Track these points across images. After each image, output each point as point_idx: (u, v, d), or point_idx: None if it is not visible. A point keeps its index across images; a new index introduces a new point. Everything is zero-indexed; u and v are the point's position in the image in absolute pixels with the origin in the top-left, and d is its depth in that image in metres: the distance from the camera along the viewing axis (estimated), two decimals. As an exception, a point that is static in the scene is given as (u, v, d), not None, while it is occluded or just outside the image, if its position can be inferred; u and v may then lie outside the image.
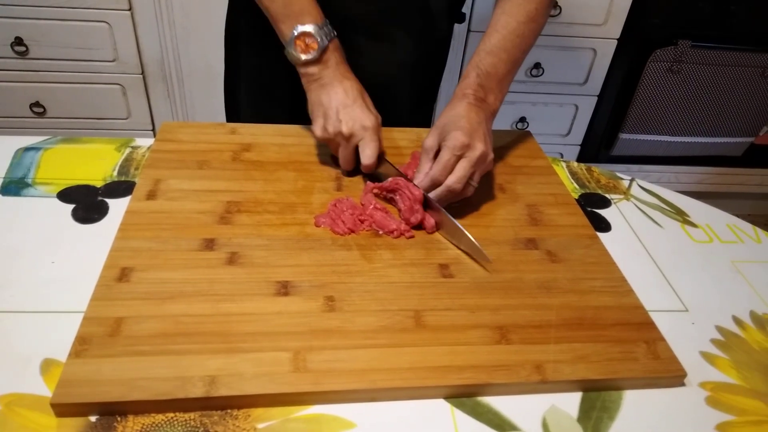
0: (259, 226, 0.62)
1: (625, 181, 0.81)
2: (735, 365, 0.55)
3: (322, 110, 0.69)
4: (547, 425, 0.48)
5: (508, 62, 0.72)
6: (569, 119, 1.75)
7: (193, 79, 1.58)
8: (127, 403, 0.44)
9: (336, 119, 0.68)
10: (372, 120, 0.69)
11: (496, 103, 0.72)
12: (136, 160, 0.73)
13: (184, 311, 0.51)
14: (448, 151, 0.65)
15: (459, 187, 0.65)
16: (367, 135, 0.68)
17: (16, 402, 0.45)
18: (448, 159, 0.65)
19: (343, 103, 0.69)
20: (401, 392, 0.48)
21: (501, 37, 0.72)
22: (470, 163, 0.65)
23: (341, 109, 0.68)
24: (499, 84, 0.72)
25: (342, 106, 0.68)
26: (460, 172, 0.64)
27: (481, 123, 0.67)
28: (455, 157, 0.65)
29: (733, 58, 1.64)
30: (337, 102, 0.69)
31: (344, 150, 0.70)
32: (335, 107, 0.69)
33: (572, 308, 0.57)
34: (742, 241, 0.72)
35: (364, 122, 0.68)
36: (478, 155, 0.65)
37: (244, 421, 0.45)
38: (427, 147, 0.67)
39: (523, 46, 0.73)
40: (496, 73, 0.71)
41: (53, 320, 0.52)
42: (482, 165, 0.66)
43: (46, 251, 0.59)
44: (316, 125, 0.70)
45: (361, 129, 0.68)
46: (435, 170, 0.65)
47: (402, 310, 0.54)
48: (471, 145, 0.65)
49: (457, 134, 0.65)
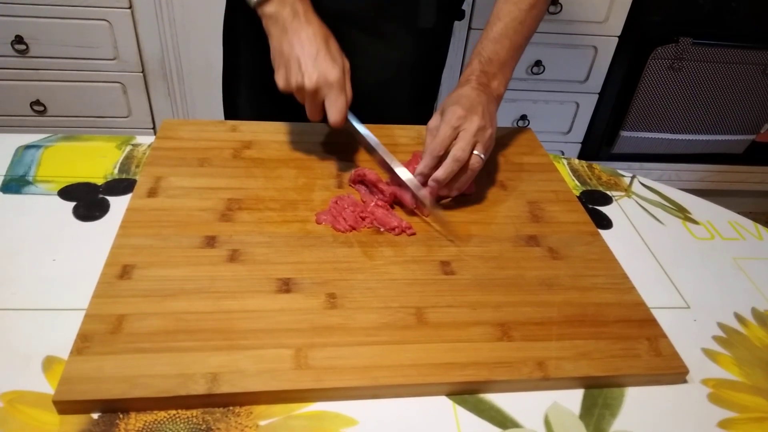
0: (261, 223, 0.62)
1: (627, 178, 0.81)
2: (737, 362, 0.55)
3: (284, 59, 0.65)
4: (549, 422, 0.48)
5: (511, 49, 0.72)
6: (570, 117, 1.75)
7: (194, 78, 1.58)
8: (129, 401, 0.44)
9: (298, 71, 0.64)
10: (337, 72, 0.64)
11: (500, 88, 0.72)
12: (137, 157, 0.73)
13: (186, 308, 0.51)
14: (445, 125, 0.65)
15: (464, 155, 0.64)
16: (332, 91, 0.64)
17: (18, 399, 0.45)
18: (445, 132, 0.64)
19: (308, 52, 0.64)
20: (403, 389, 0.48)
21: (504, 24, 0.72)
22: (469, 133, 0.64)
23: (304, 59, 0.64)
24: (502, 69, 0.72)
25: (306, 56, 0.64)
26: (461, 142, 0.64)
27: (482, 102, 0.67)
28: (453, 129, 0.64)
29: (734, 55, 1.63)
30: (299, 51, 0.64)
31: (309, 105, 0.66)
32: (297, 57, 0.64)
33: (574, 305, 0.57)
34: (743, 238, 0.72)
35: (329, 75, 0.64)
36: (476, 126, 0.64)
37: (246, 418, 0.45)
38: (431, 127, 0.67)
39: (525, 32, 0.73)
40: (499, 59, 0.71)
41: (55, 318, 0.52)
42: (482, 137, 0.65)
43: (47, 249, 0.58)
44: (278, 75, 0.66)
45: (325, 84, 0.64)
46: (434, 143, 0.65)
47: (404, 307, 0.54)
48: (467, 117, 0.64)
49: (454, 108, 0.65)
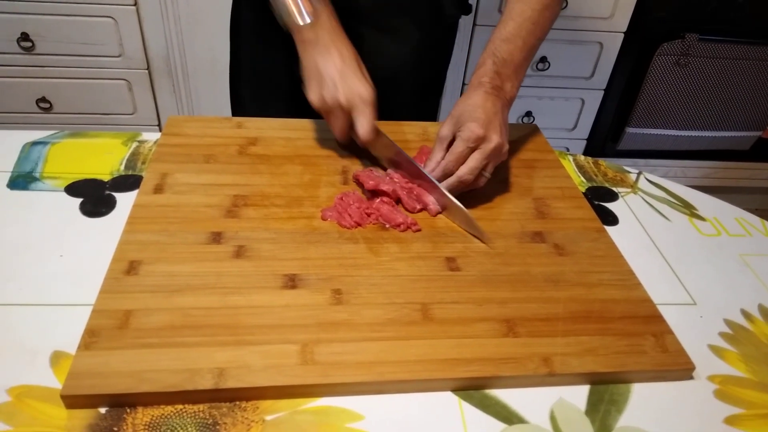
0: (266, 219, 0.62)
1: (633, 175, 0.81)
2: (743, 358, 0.55)
3: (318, 76, 0.67)
4: (555, 418, 0.48)
5: (524, 49, 0.71)
6: (575, 113, 1.74)
7: (199, 74, 1.59)
8: (137, 395, 0.44)
9: (333, 87, 0.66)
10: (369, 91, 0.67)
11: (513, 90, 0.71)
12: (143, 154, 0.73)
13: (192, 304, 0.52)
14: (462, 143, 0.64)
15: (470, 179, 0.65)
16: (363, 107, 0.66)
17: (26, 393, 0.45)
18: (461, 150, 0.64)
19: (341, 70, 0.66)
20: (409, 385, 0.48)
21: (516, 24, 0.71)
22: (484, 155, 0.64)
23: (338, 76, 0.66)
24: (516, 71, 0.71)
25: (339, 73, 0.66)
26: (473, 163, 0.64)
27: (497, 113, 0.66)
28: (469, 149, 0.64)
29: (740, 51, 1.62)
30: (333, 68, 0.66)
31: (339, 121, 0.68)
32: (331, 74, 0.66)
33: (580, 301, 0.57)
34: (750, 234, 0.72)
35: (362, 93, 0.66)
36: (493, 147, 0.64)
37: (253, 413, 0.45)
38: (441, 136, 0.67)
39: (538, 33, 0.72)
40: (513, 61, 0.70)
41: (62, 313, 0.52)
42: (497, 157, 0.66)
43: (54, 245, 0.59)
44: (311, 92, 0.68)
45: (359, 100, 0.66)
46: (447, 160, 0.65)
47: (409, 303, 0.54)
48: (486, 137, 0.64)
49: (472, 125, 0.64)
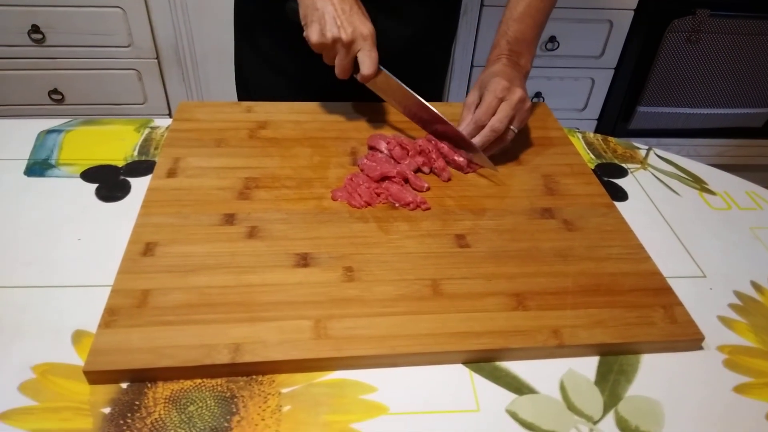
0: (278, 200, 0.63)
1: (642, 151, 0.81)
2: (753, 329, 0.56)
3: (318, 14, 0.66)
4: (565, 388, 0.49)
5: (534, 26, 0.77)
6: (585, 93, 1.73)
7: (208, 62, 1.59)
8: (157, 370, 0.46)
9: (334, 24, 0.65)
10: (370, 27, 0.67)
11: (527, 65, 0.77)
12: (155, 139, 0.74)
13: (208, 283, 0.53)
14: (490, 94, 0.69)
15: (501, 127, 0.68)
16: (366, 44, 0.67)
17: (50, 371, 0.47)
18: (490, 101, 0.69)
19: (341, 7, 0.65)
20: (421, 357, 0.49)
21: (526, 4, 0.76)
22: (511, 105, 0.68)
23: (339, 14, 0.65)
24: (528, 47, 0.77)
25: (340, 11, 0.65)
26: (502, 113, 0.68)
27: (518, 77, 0.73)
28: (497, 100, 0.69)
29: (752, 26, 1.60)
30: (332, 6, 0.65)
31: (342, 59, 0.68)
32: (331, 12, 0.65)
33: (589, 275, 0.57)
34: (761, 207, 0.72)
35: (363, 30, 0.66)
36: (518, 98, 0.69)
37: (269, 386, 0.47)
38: (468, 102, 0.72)
39: (546, 9, 0.78)
40: (525, 39, 0.76)
41: (82, 294, 0.53)
42: (522, 109, 0.70)
43: (72, 229, 0.60)
44: (311, 30, 0.66)
45: (360, 37, 0.66)
46: (479, 112, 0.69)
47: (419, 279, 0.55)
48: (511, 88, 0.69)
49: (497, 79, 0.70)
